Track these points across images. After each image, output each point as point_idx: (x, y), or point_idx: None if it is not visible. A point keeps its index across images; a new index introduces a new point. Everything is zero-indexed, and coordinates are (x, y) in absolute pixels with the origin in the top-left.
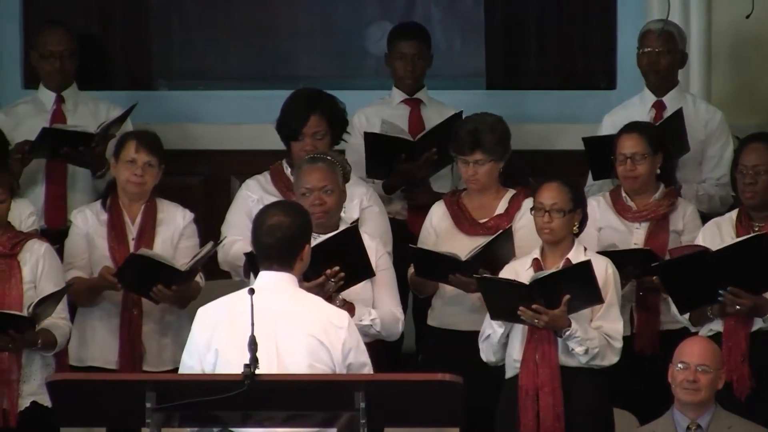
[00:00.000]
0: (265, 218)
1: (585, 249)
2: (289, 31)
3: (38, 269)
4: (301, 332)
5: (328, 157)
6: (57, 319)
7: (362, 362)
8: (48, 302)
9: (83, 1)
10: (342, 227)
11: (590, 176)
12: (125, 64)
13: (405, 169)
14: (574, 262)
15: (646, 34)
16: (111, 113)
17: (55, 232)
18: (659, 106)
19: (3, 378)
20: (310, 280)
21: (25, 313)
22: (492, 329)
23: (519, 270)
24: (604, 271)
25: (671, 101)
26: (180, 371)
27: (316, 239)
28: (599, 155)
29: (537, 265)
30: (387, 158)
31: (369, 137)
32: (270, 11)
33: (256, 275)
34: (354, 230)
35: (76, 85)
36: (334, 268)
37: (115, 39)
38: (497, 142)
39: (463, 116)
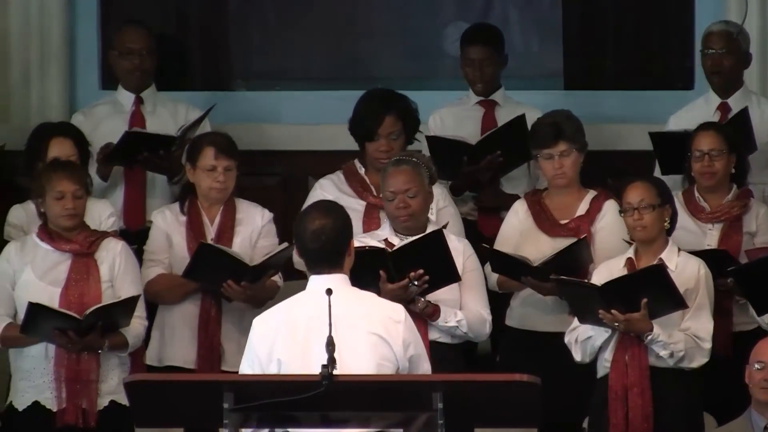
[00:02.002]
0: (307, 224)
1: (679, 249)
2: (366, 32)
3: (115, 267)
4: (362, 331)
5: (414, 159)
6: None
7: (420, 353)
8: (116, 310)
9: (161, 1)
10: (429, 228)
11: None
12: (203, 65)
13: (468, 171)
14: (666, 262)
15: (709, 35)
16: (189, 114)
17: (134, 233)
18: (724, 108)
19: (81, 378)
20: (393, 281)
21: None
22: (595, 331)
23: (613, 270)
24: (696, 271)
25: (736, 102)
26: None
27: (403, 241)
28: (667, 152)
29: (631, 265)
30: (451, 160)
31: (431, 140)
32: (348, 12)
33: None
34: (439, 234)
35: (154, 86)
36: (418, 271)
37: (193, 39)
38: (577, 130)
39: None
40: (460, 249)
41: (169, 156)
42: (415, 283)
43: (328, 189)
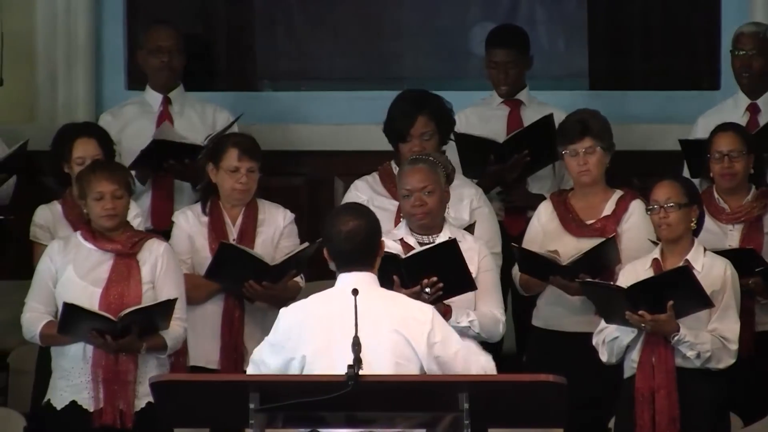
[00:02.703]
0: (339, 226)
1: (705, 250)
2: (392, 32)
3: (157, 269)
4: (384, 330)
5: (430, 158)
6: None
7: (454, 353)
8: (153, 312)
9: (187, 2)
10: (446, 228)
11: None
12: (229, 65)
13: (495, 170)
14: (692, 262)
15: (739, 36)
16: (217, 115)
17: (160, 233)
18: (753, 109)
19: (120, 379)
20: (407, 287)
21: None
22: (621, 332)
23: (639, 270)
24: (723, 272)
25: (765, 103)
26: (253, 368)
27: (418, 241)
28: (695, 156)
29: (657, 265)
30: (478, 159)
31: (459, 137)
32: (374, 12)
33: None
34: (453, 244)
35: (182, 86)
36: (432, 279)
37: (219, 40)
38: (604, 128)
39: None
40: (475, 249)
41: (195, 165)
42: (427, 290)
43: (362, 190)
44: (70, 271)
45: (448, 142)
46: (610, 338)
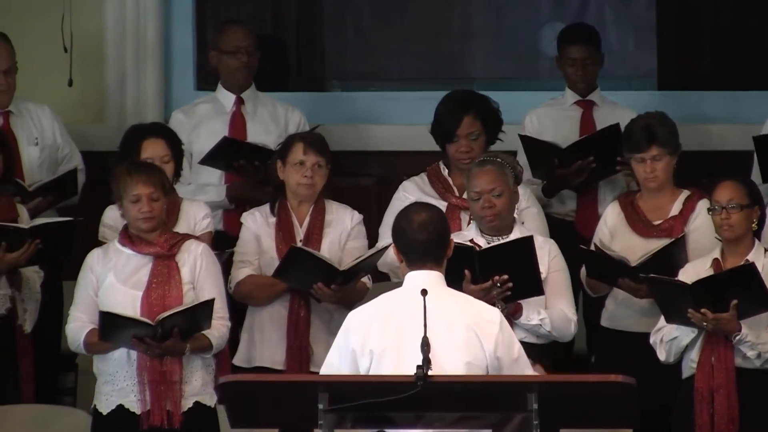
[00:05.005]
0: (412, 216)
1: (765, 250)
2: (462, 32)
3: (196, 269)
4: (456, 330)
5: (498, 159)
6: (213, 320)
7: (515, 358)
8: (191, 314)
9: (256, 2)
10: (516, 228)
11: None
12: (298, 66)
13: (559, 174)
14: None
15: None
16: (290, 115)
17: (232, 237)
18: None
19: (165, 380)
20: (477, 283)
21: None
22: (680, 332)
23: (699, 270)
24: None
25: None
26: (324, 372)
27: (489, 243)
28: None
29: (717, 265)
30: (544, 161)
31: (525, 140)
32: (443, 12)
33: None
34: (529, 240)
35: (254, 86)
36: (503, 276)
37: (288, 40)
38: (670, 133)
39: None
40: (546, 249)
41: (265, 169)
42: (499, 285)
43: (410, 190)
44: (111, 277)
45: (495, 141)
46: (669, 337)
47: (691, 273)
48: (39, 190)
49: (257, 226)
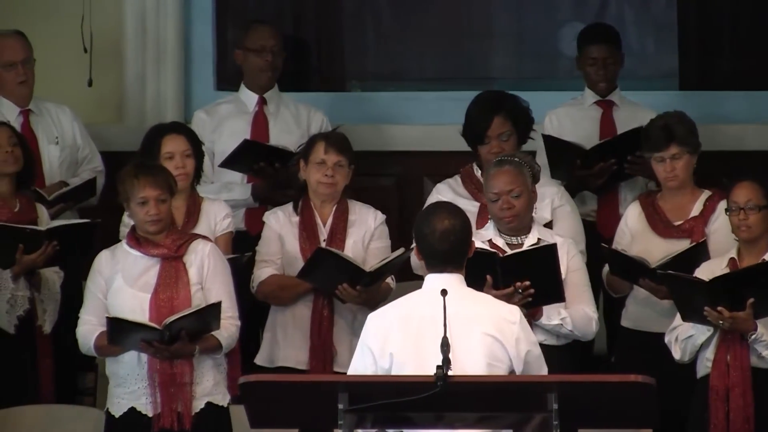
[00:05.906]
0: (435, 224)
1: None
2: (482, 33)
3: (204, 269)
4: (476, 332)
5: (516, 159)
6: (222, 320)
7: (538, 355)
8: (198, 317)
9: (276, 2)
10: (534, 229)
11: None
12: (318, 66)
13: (580, 175)
14: None
15: None
16: (312, 116)
17: (254, 236)
18: None
19: (176, 381)
20: (498, 288)
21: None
22: (696, 330)
23: (715, 269)
24: None
25: None
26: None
27: (506, 243)
28: None
29: (733, 264)
30: (567, 162)
31: (547, 139)
32: (463, 12)
33: None
34: (552, 248)
35: (277, 86)
36: (525, 282)
37: (308, 40)
38: (689, 132)
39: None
40: (564, 248)
41: (285, 172)
42: (520, 291)
43: (443, 193)
44: (119, 280)
45: (527, 141)
46: (684, 336)
47: (706, 272)
48: (58, 198)
49: (280, 225)
